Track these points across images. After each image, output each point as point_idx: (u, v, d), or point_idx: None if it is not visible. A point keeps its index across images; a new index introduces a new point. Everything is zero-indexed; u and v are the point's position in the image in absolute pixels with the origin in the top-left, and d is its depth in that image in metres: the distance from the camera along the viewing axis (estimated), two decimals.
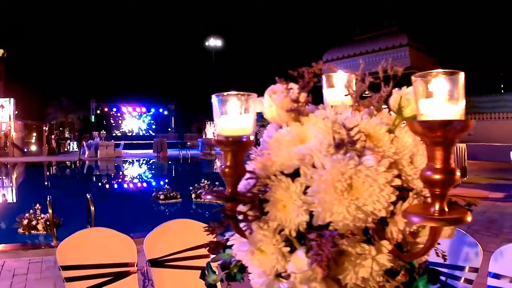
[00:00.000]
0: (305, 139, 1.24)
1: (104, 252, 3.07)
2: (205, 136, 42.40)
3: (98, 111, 49.18)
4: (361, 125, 1.23)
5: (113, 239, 3.16)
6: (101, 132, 35.39)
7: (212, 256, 1.44)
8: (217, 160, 31.75)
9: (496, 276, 2.71)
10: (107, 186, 20.17)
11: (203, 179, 14.30)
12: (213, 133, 1.21)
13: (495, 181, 18.13)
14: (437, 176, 1.01)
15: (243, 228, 1.22)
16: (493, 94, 31.82)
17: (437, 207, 1.04)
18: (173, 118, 53.96)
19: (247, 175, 1.23)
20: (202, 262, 3.11)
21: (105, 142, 32.18)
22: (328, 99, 1.48)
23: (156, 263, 3.18)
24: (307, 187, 1.17)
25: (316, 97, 1.40)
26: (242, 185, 1.25)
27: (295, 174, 1.21)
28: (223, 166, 1.20)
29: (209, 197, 1.23)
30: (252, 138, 1.20)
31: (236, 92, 1.20)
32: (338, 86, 1.47)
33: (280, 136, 1.26)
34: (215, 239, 1.38)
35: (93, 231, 3.52)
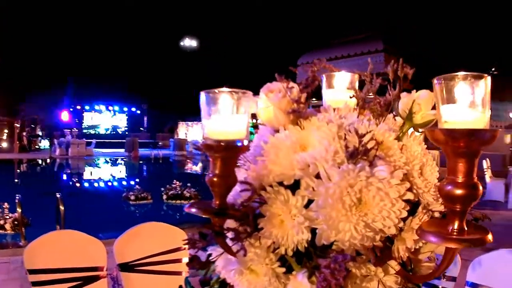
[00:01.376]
0: (307, 146, 1.09)
1: (73, 255, 2.97)
2: (177, 136, 42.31)
3: (71, 109, 48.60)
4: (369, 130, 1.09)
5: (82, 242, 3.05)
6: (73, 129, 34.91)
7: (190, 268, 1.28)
8: (188, 160, 31.55)
9: (474, 285, 2.73)
10: (78, 185, 19.84)
11: (175, 180, 14.05)
12: (203, 135, 1.06)
13: None
14: (458, 191, 0.90)
15: (233, 248, 1.07)
16: None
17: (456, 225, 0.93)
18: (145, 117, 53.45)
19: (240, 186, 1.08)
20: (174, 267, 3.19)
21: (76, 140, 31.64)
22: (328, 101, 1.34)
23: (126, 267, 3.09)
24: (309, 201, 1.03)
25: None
26: (231, 196, 1.10)
27: (295, 186, 1.06)
28: (211, 175, 1.04)
29: (193, 210, 1.06)
30: (246, 143, 1.04)
31: (229, 89, 1.04)
32: (339, 87, 1.34)
33: (277, 141, 1.11)
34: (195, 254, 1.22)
35: (62, 233, 3.40)
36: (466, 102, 0.90)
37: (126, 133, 48.53)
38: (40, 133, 40.87)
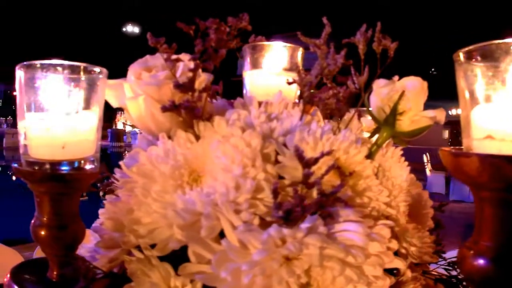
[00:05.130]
0: (202, 174, 0.59)
1: None
2: (115, 126, 41.69)
3: (7, 95, 47.04)
4: (325, 145, 0.59)
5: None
6: (8, 118, 33.57)
7: None
8: (126, 152, 31.01)
9: None
10: (10, 180, 18.95)
11: (113, 174, 13.37)
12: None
13: None
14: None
15: None
16: None
17: None
18: None
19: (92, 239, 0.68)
20: None
21: (11, 130, 30.44)
22: (252, 89, 0.84)
23: None
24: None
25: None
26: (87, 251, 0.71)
27: (180, 254, 0.55)
28: (37, 223, 0.63)
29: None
30: (91, 165, 0.62)
31: (63, 62, 0.59)
32: (271, 66, 0.84)
33: (150, 162, 0.59)
34: None
35: None
36: None
37: None
38: None
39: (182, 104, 0.59)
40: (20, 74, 0.61)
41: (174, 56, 0.61)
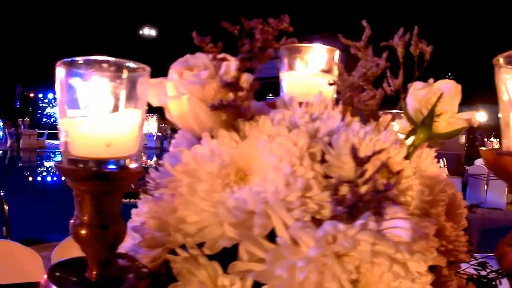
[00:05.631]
0: (249, 172, 0.59)
1: (6, 269, 2.57)
2: None
3: (24, 96, 47.43)
4: (368, 145, 0.60)
5: (17, 254, 2.67)
6: (25, 119, 33.81)
7: None
8: (142, 154, 31.24)
9: None
10: (24, 181, 19.05)
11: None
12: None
13: None
14: None
15: None
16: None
17: None
18: None
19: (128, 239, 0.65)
20: None
21: (28, 131, 30.42)
22: (289, 90, 0.84)
23: None
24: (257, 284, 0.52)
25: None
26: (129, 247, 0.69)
27: (228, 253, 0.55)
28: (77, 222, 0.59)
29: None
30: (135, 164, 0.59)
31: (104, 59, 0.57)
32: (309, 68, 0.84)
33: (195, 161, 0.59)
34: None
35: None
36: None
37: None
38: None
39: (230, 103, 0.59)
40: (61, 71, 0.59)
41: (220, 55, 0.61)
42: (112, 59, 0.58)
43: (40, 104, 48.88)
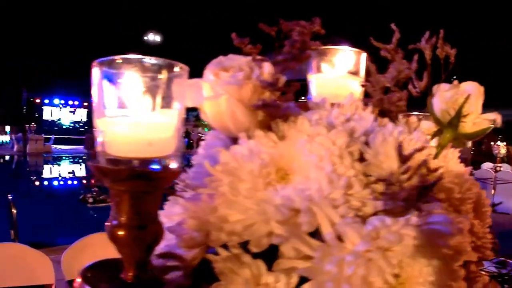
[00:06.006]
0: (290, 172, 0.60)
1: (16, 272, 2.63)
2: None
3: (30, 102, 47.66)
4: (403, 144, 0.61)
5: (27, 257, 2.68)
6: (31, 124, 33.94)
7: None
8: None
9: None
10: (32, 185, 19.06)
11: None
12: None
13: None
14: None
15: None
16: None
17: None
18: None
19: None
20: None
21: (34, 136, 30.49)
22: (318, 92, 0.85)
23: None
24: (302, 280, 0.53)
25: None
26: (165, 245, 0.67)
27: (270, 251, 0.57)
28: (114, 223, 0.58)
29: None
30: (175, 163, 0.57)
31: (142, 58, 0.57)
32: (337, 70, 0.86)
33: (235, 161, 0.60)
34: None
35: (3, 247, 2.95)
36: None
37: (86, 128, 47.82)
38: None
39: (272, 103, 0.60)
40: (98, 70, 0.59)
41: (258, 57, 0.62)
42: (149, 58, 0.58)
43: (45, 109, 49.03)
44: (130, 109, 0.57)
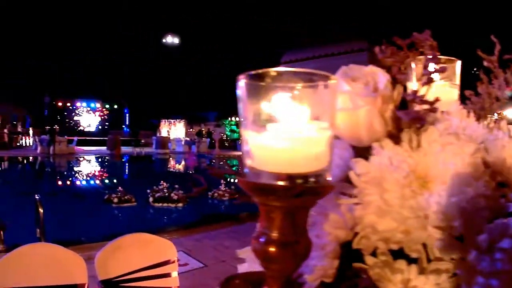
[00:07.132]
0: (428, 179, 0.65)
1: (49, 271, 2.65)
2: (160, 134, 42.57)
3: (52, 106, 47.92)
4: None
5: (60, 257, 2.73)
6: (55, 127, 34.23)
7: None
8: (171, 159, 31.33)
9: None
10: (58, 185, 19.13)
11: (162, 181, 13.34)
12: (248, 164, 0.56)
13: None
14: None
15: None
16: None
17: None
18: (127, 115, 52.69)
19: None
20: (163, 282, 2.92)
21: (58, 138, 30.86)
22: None
23: (110, 284, 2.79)
24: None
25: None
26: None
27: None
28: (262, 240, 0.57)
29: None
30: (329, 177, 0.57)
31: (296, 70, 0.55)
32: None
33: (379, 171, 0.65)
34: None
35: (37, 247, 2.99)
36: None
37: (108, 130, 47.93)
38: (21, 130, 40.19)
39: (420, 115, 0.66)
40: (244, 83, 0.57)
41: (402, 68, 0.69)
42: (298, 69, 0.56)
43: (68, 112, 49.36)
44: (283, 123, 0.55)
